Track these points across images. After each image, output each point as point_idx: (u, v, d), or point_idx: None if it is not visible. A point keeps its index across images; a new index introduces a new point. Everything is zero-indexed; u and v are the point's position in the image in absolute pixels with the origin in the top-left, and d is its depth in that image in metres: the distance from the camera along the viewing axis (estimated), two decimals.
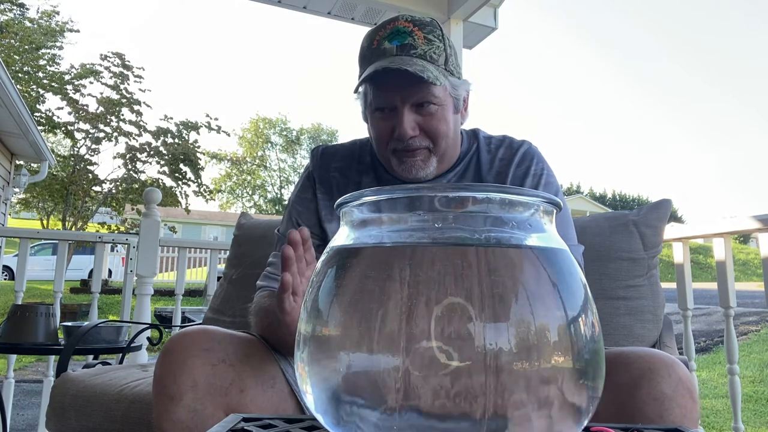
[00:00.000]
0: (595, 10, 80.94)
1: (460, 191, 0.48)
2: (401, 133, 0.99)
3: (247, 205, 33.62)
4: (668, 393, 0.75)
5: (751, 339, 6.95)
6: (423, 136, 1.01)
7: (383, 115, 1.02)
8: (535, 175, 1.09)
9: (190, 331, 0.86)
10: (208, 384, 0.82)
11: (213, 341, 0.85)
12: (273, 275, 1.08)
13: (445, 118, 1.02)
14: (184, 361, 0.82)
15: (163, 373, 0.83)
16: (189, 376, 0.81)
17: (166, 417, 0.81)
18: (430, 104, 1.00)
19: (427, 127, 1.01)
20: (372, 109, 1.03)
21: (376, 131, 1.05)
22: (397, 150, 1.03)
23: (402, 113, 0.99)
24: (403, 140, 1.00)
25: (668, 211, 1.51)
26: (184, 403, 0.81)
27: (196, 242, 3.59)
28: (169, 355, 0.84)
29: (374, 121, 1.04)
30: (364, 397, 0.44)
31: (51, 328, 1.91)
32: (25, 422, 3.71)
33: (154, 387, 0.84)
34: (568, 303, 0.46)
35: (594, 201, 36.97)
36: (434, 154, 1.04)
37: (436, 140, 1.02)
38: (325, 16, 2.86)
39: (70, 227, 12.24)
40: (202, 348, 0.84)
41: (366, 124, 1.11)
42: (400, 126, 0.99)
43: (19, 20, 12.70)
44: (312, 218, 1.12)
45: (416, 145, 1.01)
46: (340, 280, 0.49)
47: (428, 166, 1.04)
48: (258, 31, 63.36)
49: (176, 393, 0.81)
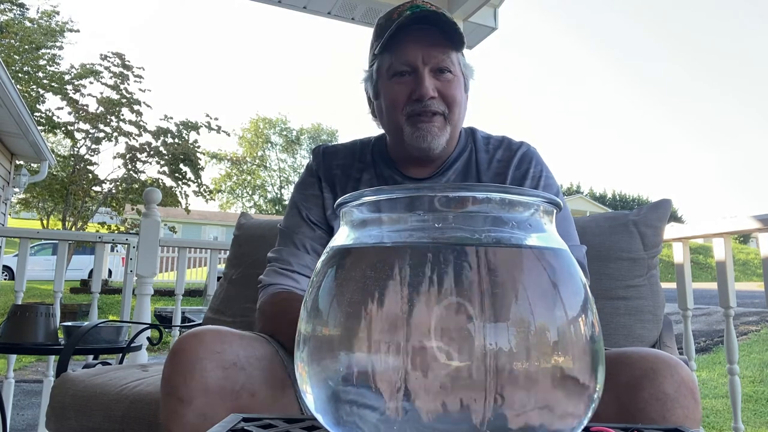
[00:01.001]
0: (595, 10, 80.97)
1: (460, 191, 0.48)
2: (422, 91, 1.00)
3: (247, 205, 33.62)
4: (671, 393, 0.75)
5: (751, 339, 6.95)
6: (440, 101, 1.02)
7: (401, 79, 1.03)
8: (534, 177, 1.09)
9: (201, 332, 0.84)
10: (219, 388, 0.80)
11: (224, 343, 0.83)
12: (282, 271, 1.05)
13: (459, 88, 1.05)
14: (194, 363, 0.80)
15: (173, 375, 0.81)
16: (200, 380, 0.80)
17: (175, 420, 0.80)
18: (448, 71, 1.02)
19: (444, 92, 1.02)
20: (390, 74, 1.04)
21: (392, 96, 1.04)
22: (412, 115, 1.03)
23: (423, 73, 1.01)
24: (422, 100, 1.01)
25: (668, 211, 1.51)
26: (194, 407, 0.79)
27: (196, 242, 3.59)
28: (180, 356, 0.82)
29: (390, 87, 1.04)
30: (364, 397, 0.44)
31: (51, 328, 1.91)
32: (25, 422, 3.71)
33: (163, 388, 0.82)
34: (568, 303, 0.46)
35: (594, 201, 36.98)
36: (448, 123, 1.04)
37: (452, 107, 1.03)
38: (325, 16, 2.86)
39: (70, 227, 12.24)
40: (213, 350, 0.82)
41: (375, 102, 1.11)
42: (421, 85, 1.00)
43: (19, 20, 12.70)
44: (321, 214, 1.11)
45: (434, 107, 1.02)
46: (340, 280, 0.49)
47: (442, 135, 1.04)
48: (258, 31, 63.41)
49: (186, 396, 0.79)
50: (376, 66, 1.07)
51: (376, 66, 1.07)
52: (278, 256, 1.08)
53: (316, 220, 1.10)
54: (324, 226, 1.10)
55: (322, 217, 1.11)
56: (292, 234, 1.10)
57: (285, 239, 1.11)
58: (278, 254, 1.09)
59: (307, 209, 1.12)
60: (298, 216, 1.12)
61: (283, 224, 1.14)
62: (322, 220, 1.11)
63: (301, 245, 1.08)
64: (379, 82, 1.07)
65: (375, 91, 1.09)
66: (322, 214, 1.11)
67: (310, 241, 1.08)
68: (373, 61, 1.08)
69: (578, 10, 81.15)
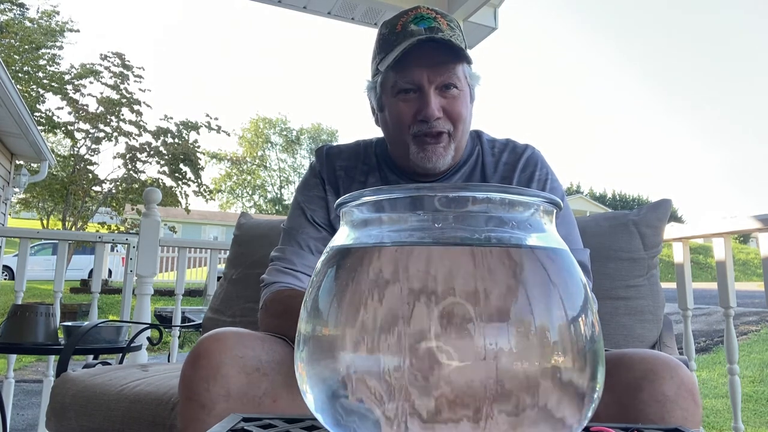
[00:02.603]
0: (595, 10, 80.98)
1: (461, 191, 0.48)
2: (428, 113, 0.99)
3: (247, 205, 33.62)
4: (670, 395, 0.75)
5: (751, 339, 6.95)
6: (446, 120, 1.02)
7: (406, 96, 1.02)
8: (540, 180, 1.09)
9: (223, 336, 0.82)
10: (242, 394, 0.79)
11: (246, 347, 0.82)
12: (286, 270, 1.04)
13: (465, 103, 1.04)
14: (218, 368, 0.79)
15: (194, 380, 0.79)
16: (223, 386, 0.78)
17: (195, 425, 0.78)
18: (454, 87, 1.01)
19: (449, 109, 1.02)
20: (395, 92, 1.03)
21: (397, 115, 1.03)
22: (418, 135, 1.02)
23: (428, 93, 1.00)
24: (428, 121, 1.00)
25: (668, 211, 1.51)
26: (216, 413, 0.77)
27: (196, 242, 3.59)
28: (201, 359, 0.80)
29: (395, 105, 1.03)
30: (364, 397, 0.44)
31: (51, 328, 1.91)
32: (25, 422, 3.71)
33: (183, 391, 0.81)
34: (568, 303, 0.46)
35: (594, 201, 36.98)
36: (453, 141, 1.04)
37: (457, 125, 1.03)
38: (325, 16, 2.86)
39: (70, 227, 12.24)
40: (236, 355, 0.80)
41: (378, 114, 1.10)
42: (428, 106, 0.99)
43: (19, 20, 12.70)
44: (325, 216, 1.10)
45: (440, 127, 1.01)
46: (340, 280, 0.49)
47: (448, 154, 1.04)
48: (258, 31, 63.40)
49: (208, 401, 0.78)
50: (380, 80, 1.05)
51: (380, 80, 1.05)
52: (281, 255, 1.07)
53: (320, 221, 1.10)
54: (328, 227, 1.09)
55: (326, 218, 1.10)
56: (296, 234, 1.09)
57: (289, 239, 1.10)
58: (281, 253, 1.08)
59: (311, 210, 1.11)
60: (302, 216, 1.11)
61: (287, 224, 1.13)
62: (327, 221, 1.10)
63: (306, 245, 1.07)
64: (383, 97, 1.06)
65: (379, 105, 1.08)
66: (326, 216, 1.10)
67: (314, 242, 1.07)
68: (376, 74, 1.06)
69: (578, 11, 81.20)
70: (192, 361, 0.81)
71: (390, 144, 1.11)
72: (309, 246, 1.07)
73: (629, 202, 45.29)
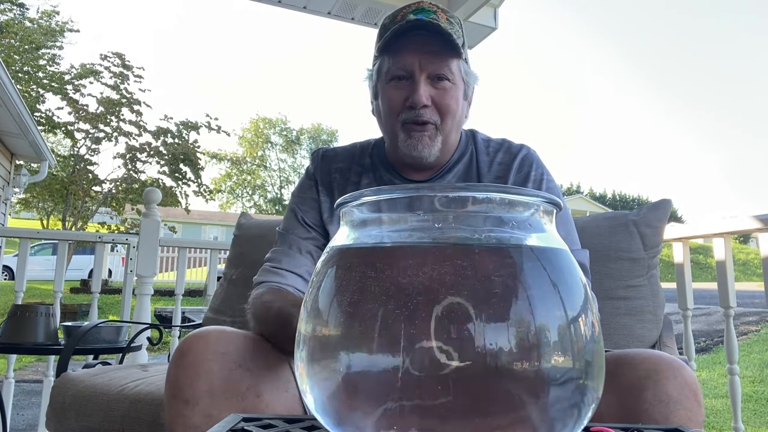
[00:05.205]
0: (595, 10, 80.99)
1: (460, 191, 0.48)
2: (415, 99, 1.00)
3: (247, 205, 33.63)
4: (674, 395, 0.75)
5: (751, 339, 6.95)
6: (434, 110, 1.03)
7: (398, 84, 1.03)
8: (536, 180, 1.09)
9: (206, 333, 0.84)
10: (225, 389, 0.80)
11: (229, 344, 0.83)
12: (273, 269, 1.06)
13: (456, 97, 1.04)
14: (201, 364, 0.80)
15: (178, 376, 0.81)
16: (206, 381, 0.79)
17: (180, 421, 0.80)
18: (446, 79, 1.02)
19: (439, 101, 1.02)
20: (388, 78, 1.04)
21: (388, 101, 1.05)
22: (406, 122, 1.03)
23: (418, 81, 1.01)
24: (415, 108, 1.01)
25: (668, 211, 1.51)
26: (199, 408, 0.79)
27: (196, 242, 3.59)
28: (185, 357, 0.81)
29: (387, 92, 1.05)
30: (364, 397, 0.44)
31: (51, 328, 1.91)
32: (25, 422, 3.71)
33: (168, 389, 0.82)
34: (568, 303, 0.46)
35: (594, 201, 36.97)
36: (440, 133, 1.04)
37: (445, 117, 1.03)
38: (325, 16, 2.86)
39: (70, 227, 12.23)
40: (219, 351, 0.82)
41: (374, 102, 1.11)
42: (416, 92, 1.00)
43: (19, 20, 12.69)
44: (317, 218, 1.12)
45: (426, 117, 1.02)
46: (340, 280, 0.49)
47: (434, 145, 1.04)
48: (258, 31, 63.40)
49: (192, 397, 0.79)
50: (377, 66, 1.08)
51: (377, 66, 1.08)
52: (273, 255, 1.10)
53: (311, 222, 1.12)
54: (319, 228, 1.11)
55: (317, 219, 1.12)
56: (287, 235, 1.11)
57: (281, 240, 1.13)
58: (273, 254, 1.10)
59: (303, 212, 1.13)
60: (294, 218, 1.13)
61: (281, 227, 1.16)
62: (318, 222, 1.12)
63: (296, 246, 1.09)
64: (378, 84, 1.08)
65: (374, 92, 1.10)
66: (317, 217, 1.12)
67: (303, 242, 1.09)
68: (375, 61, 1.09)
69: (579, 11, 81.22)
70: (176, 359, 0.83)
71: (383, 134, 1.13)
72: (299, 247, 1.09)
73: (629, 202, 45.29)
